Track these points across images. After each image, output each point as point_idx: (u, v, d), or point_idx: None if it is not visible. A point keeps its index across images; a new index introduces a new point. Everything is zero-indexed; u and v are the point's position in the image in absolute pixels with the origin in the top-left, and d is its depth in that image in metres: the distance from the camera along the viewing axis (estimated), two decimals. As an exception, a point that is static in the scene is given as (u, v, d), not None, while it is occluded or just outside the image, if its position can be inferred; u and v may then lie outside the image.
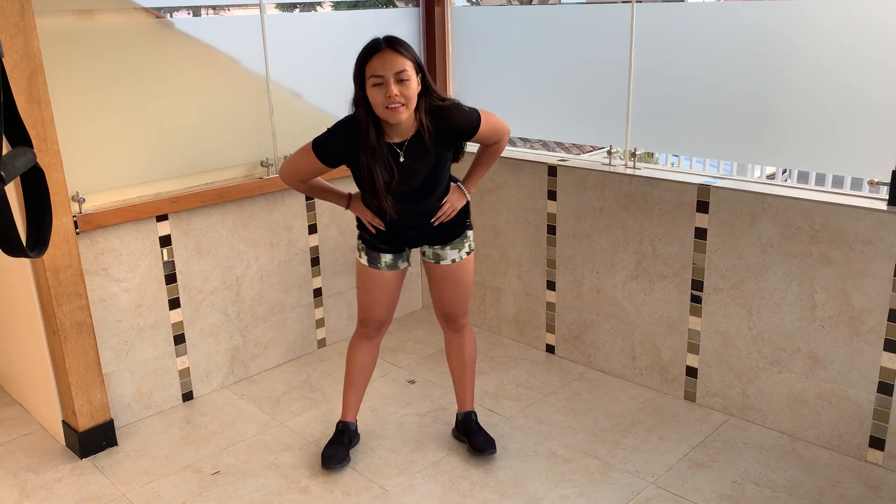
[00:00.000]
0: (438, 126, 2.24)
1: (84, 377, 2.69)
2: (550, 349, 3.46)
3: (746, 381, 2.83)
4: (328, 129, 2.30)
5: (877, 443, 2.57)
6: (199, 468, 2.68)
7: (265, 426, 2.94)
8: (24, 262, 2.61)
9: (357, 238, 2.55)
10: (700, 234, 2.83)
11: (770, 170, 5.81)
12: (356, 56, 2.18)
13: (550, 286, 3.37)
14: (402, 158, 2.24)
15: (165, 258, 2.93)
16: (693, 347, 2.95)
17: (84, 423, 2.72)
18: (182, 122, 2.91)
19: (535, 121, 3.40)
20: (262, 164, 3.18)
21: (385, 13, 3.60)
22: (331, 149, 2.27)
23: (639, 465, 2.62)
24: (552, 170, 3.22)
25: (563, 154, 3.48)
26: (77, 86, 2.60)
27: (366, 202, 2.39)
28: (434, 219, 2.42)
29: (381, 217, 2.40)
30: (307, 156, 2.30)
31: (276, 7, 3.33)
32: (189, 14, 3.03)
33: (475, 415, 2.75)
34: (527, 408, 3.01)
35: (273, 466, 2.67)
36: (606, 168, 3.07)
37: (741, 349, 2.82)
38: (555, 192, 3.23)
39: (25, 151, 1.31)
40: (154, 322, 2.96)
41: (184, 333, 3.06)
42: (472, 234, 2.55)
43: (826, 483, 2.50)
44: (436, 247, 2.49)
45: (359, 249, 2.52)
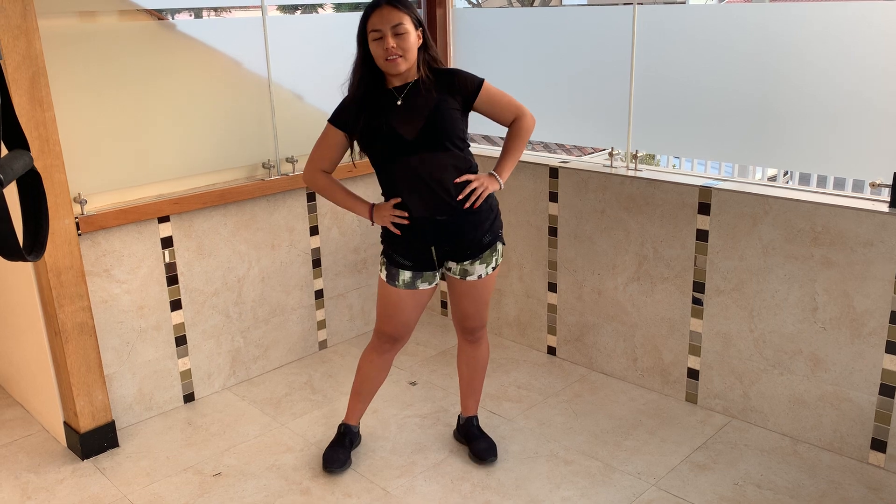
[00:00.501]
0: (440, 79, 2.32)
1: (85, 378, 2.69)
2: (552, 351, 3.46)
3: (748, 383, 2.83)
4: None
5: (878, 445, 2.57)
6: (201, 469, 2.68)
7: (266, 428, 2.94)
8: (26, 264, 2.62)
9: (381, 253, 2.49)
10: (701, 236, 2.83)
11: (771, 172, 5.81)
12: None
13: (552, 288, 3.37)
14: (399, 101, 2.28)
15: (167, 260, 2.94)
16: (694, 349, 2.95)
17: (85, 425, 2.72)
18: (184, 124, 2.91)
19: (537, 123, 3.39)
20: (264, 166, 3.18)
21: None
22: (344, 111, 2.35)
23: (640, 467, 2.62)
24: (553, 172, 3.22)
25: (565, 156, 3.49)
26: (79, 87, 2.61)
27: (382, 179, 2.36)
28: (462, 196, 2.29)
29: (404, 209, 2.33)
30: (325, 134, 2.39)
31: (278, 9, 3.34)
32: (191, 16, 3.04)
33: (477, 419, 2.75)
34: (528, 409, 3.01)
35: (274, 468, 2.67)
36: (608, 170, 3.07)
37: (742, 351, 2.81)
38: (556, 194, 3.23)
39: (23, 155, 1.31)
40: (155, 323, 2.96)
41: (185, 335, 3.06)
42: (502, 249, 2.47)
43: (827, 485, 2.50)
44: (465, 262, 2.40)
45: (381, 264, 2.48)
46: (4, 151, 1.33)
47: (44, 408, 2.94)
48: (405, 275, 2.40)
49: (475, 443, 2.68)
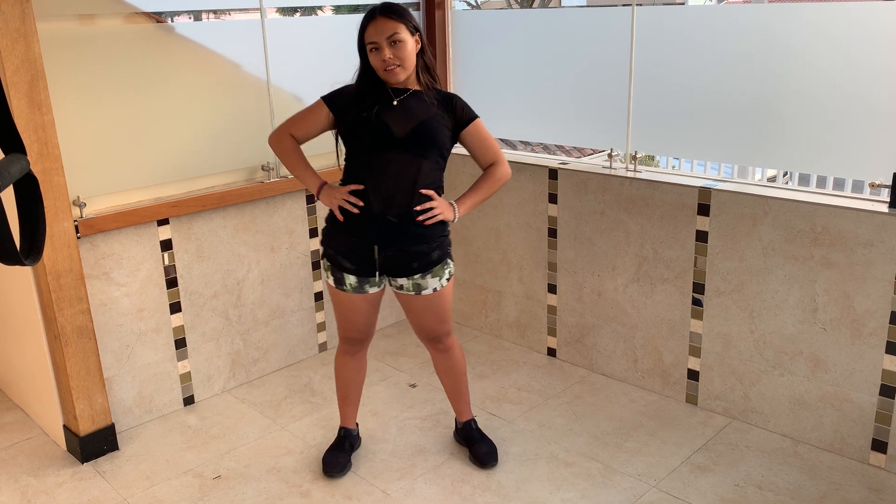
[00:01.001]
0: (440, 97, 2.36)
1: (85, 381, 2.69)
2: (552, 352, 3.46)
3: (748, 384, 2.83)
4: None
5: (879, 446, 2.56)
6: (201, 472, 2.68)
7: (266, 430, 2.93)
8: (25, 267, 2.61)
9: (321, 256, 2.45)
10: (701, 237, 2.82)
11: (771, 172, 5.81)
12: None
13: (551, 289, 3.37)
14: (395, 102, 2.30)
15: (166, 262, 2.94)
16: (695, 350, 2.95)
17: (85, 428, 2.72)
18: (183, 126, 2.91)
19: (536, 124, 3.41)
20: (263, 168, 3.18)
21: (385, 17, 3.60)
22: (340, 95, 2.37)
23: (640, 469, 2.61)
24: (553, 173, 3.22)
25: (564, 157, 3.49)
26: (78, 90, 2.61)
27: (349, 166, 2.36)
28: (420, 208, 2.30)
29: (358, 198, 2.31)
30: (311, 107, 2.41)
31: (277, 11, 3.34)
32: (190, 18, 3.03)
33: (475, 422, 2.75)
34: (528, 411, 3.01)
35: (274, 470, 2.67)
36: (607, 171, 3.07)
37: (743, 352, 2.81)
38: (556, 196, 3.23)
39: (19, 158, 1.31)
40: (155, 326, 2.96)
41: (185, 337, 3.06)
42: (453, 265, 2.47)
43: (828, 486, 2.49)
44: (416, 277, 2.38)
45: (324, 268, 2.44)
46: (1, 156, 1.33)
47: (43, 411, 2.94)
48: (350, 279, 2.39)
49: (476, 446, 2.67)
